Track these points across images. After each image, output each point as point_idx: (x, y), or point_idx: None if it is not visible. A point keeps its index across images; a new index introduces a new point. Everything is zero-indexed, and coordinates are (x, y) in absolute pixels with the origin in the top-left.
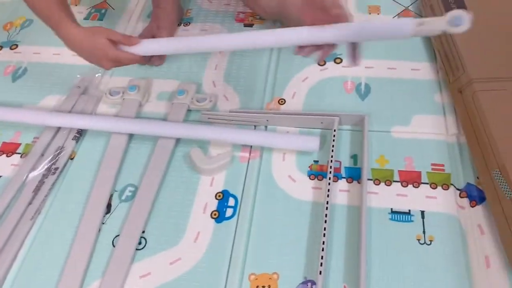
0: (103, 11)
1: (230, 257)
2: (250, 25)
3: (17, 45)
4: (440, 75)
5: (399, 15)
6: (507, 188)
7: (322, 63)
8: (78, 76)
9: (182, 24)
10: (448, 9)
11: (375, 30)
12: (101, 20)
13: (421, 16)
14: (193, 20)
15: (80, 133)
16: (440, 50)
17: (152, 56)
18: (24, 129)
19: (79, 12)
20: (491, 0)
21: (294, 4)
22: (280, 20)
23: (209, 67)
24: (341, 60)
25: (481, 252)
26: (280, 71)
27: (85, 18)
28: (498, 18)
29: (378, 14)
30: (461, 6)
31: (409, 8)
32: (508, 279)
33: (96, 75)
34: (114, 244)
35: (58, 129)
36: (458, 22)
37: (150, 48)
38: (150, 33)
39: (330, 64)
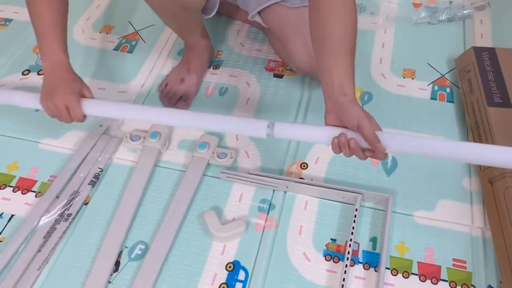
0: (133, 42)
1: None
2: (280, 76)
3: None
4: None
5: (434, 82)
6: None
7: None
8: None
9: (212, 67)
10: (486, 86)
11: None
12: (131, 52)
13: (457, 86)
14: (223, 63)
15: (97, 178)
16: (474, 130)
17: (178, 100)
18: (42, 164)
19: (110, 41)
20: None
21: None
22: (311, 76)
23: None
24: None
25: None
26: None
27: (115, 49)
28: None
29: (412, 78)
30: (501, 85)
31: (445, 76)
32: None
33: None
34: None
35: (76, 170)
36: None
37: (95, 110)
38: (179, 76)
39: None
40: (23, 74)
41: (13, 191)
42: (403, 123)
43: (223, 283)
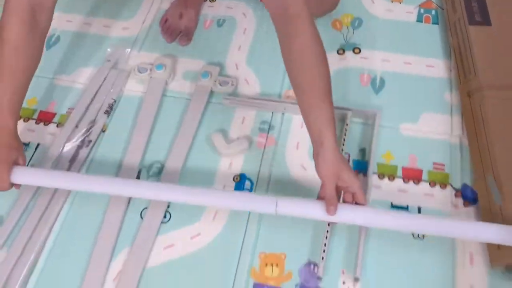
0: None
1: (244, 237)
2: None
3: None
4: (452, 74)
5: (420, 5)
6: (498, 194)
7: None
8: (108, 50)
9: (209, 0)
10: (468, 6)
11: None
12: None
13: (441, 8)
14: None
15: (111, 108)
16: (456, 48)
17: (179, 34)
18: (59, 98)
19: None
20: None
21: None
22: None
23: (233, 48)
24: (360, 51)
25: (467, 250)
26: None
27: None
28: None
29: (400, 3)
30: (482, 4)
31: None
32: (487, 276)
33: (126, 50)
34: (142, 216)
35: (91, 102)
36: None
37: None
38: (177, 11)
39: (349, 54)
40: None
41: (35, 123)
42: (391, 46)
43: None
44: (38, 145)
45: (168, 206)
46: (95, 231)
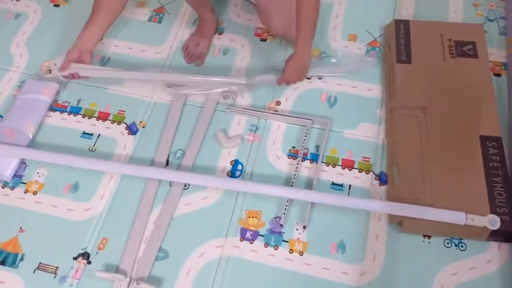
0: (161, 15)
1: (236, 198)
2: (264, 40)
3: None
4: (384, 96)
5: (368, 44)
6: (398, 179)
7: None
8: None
9: (217, 33)
10: (398, 48)
11: None
12: (160, 22)
13: (382, 46)
14: (225, 30)
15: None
16: (387, 78)
17: (195, 57)
18: (113, 103)
19: (144, 14)
20: (426, 55)
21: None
22: (285, 39)
23: (234, 70)
24: (322, 76)
25: (377, 213)
26: None
27: (148, 20)
28: (428, 67)
29: (354, 41)
30: (407, 48)
31: (377, 39)
32: (386, 228)
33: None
34: (171, 184)
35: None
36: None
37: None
38: (195, 41)
39: (314, 79)
40: None
41: (96, 119)
42: (345, 75)
43: (228, 171)
44: (99, 135)
45: None
46: (141, 193)
